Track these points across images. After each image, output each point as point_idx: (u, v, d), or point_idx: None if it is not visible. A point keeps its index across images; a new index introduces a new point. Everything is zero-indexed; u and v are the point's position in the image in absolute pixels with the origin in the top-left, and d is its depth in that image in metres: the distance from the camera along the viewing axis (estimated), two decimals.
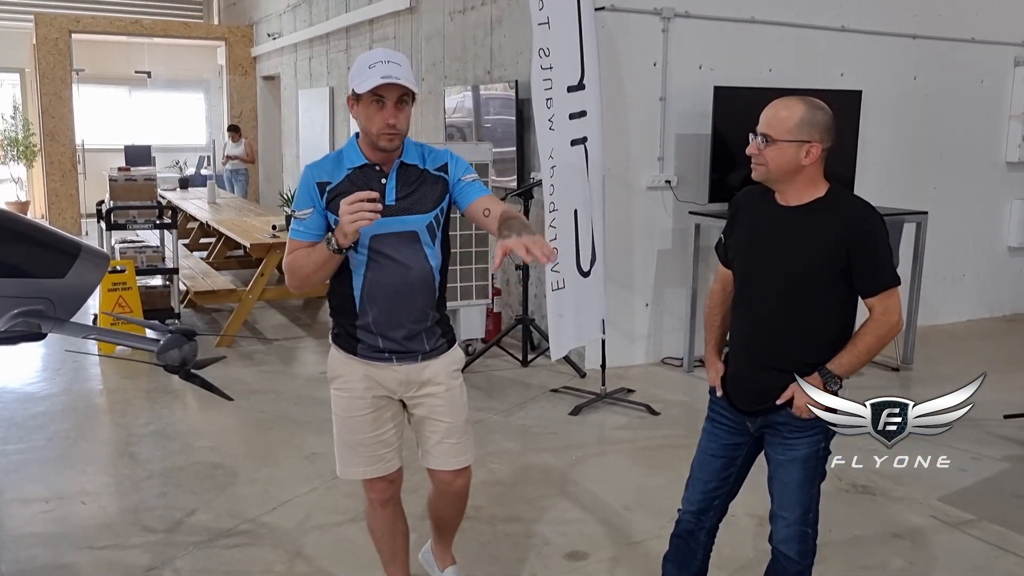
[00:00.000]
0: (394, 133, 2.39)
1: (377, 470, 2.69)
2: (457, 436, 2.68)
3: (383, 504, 2.78)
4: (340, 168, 2.48)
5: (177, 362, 2.50)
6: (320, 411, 5.14)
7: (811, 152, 2.30)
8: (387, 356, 2.57)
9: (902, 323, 2.38)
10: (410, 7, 8.30)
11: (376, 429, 2.65)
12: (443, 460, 2.69)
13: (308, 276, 2.47)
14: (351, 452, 2.68)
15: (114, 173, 6.96)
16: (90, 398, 5.43)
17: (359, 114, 2.42)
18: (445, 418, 2.65)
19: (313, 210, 2.46)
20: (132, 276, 6.35)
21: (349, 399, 2.64)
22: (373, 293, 2.50)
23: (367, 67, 2.36)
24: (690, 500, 2.62)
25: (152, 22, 14.38)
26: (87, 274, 2.60)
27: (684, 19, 5.93)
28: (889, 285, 2.32)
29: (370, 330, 2.55)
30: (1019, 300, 7.90)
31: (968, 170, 7.39)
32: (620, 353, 5.90)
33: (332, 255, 2.38)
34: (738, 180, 5.73)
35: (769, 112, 2.35)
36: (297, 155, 12.15)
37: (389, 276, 2.48)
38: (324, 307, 7.94)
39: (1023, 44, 7.47)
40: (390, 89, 2.35)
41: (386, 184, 2.47)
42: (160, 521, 3.69)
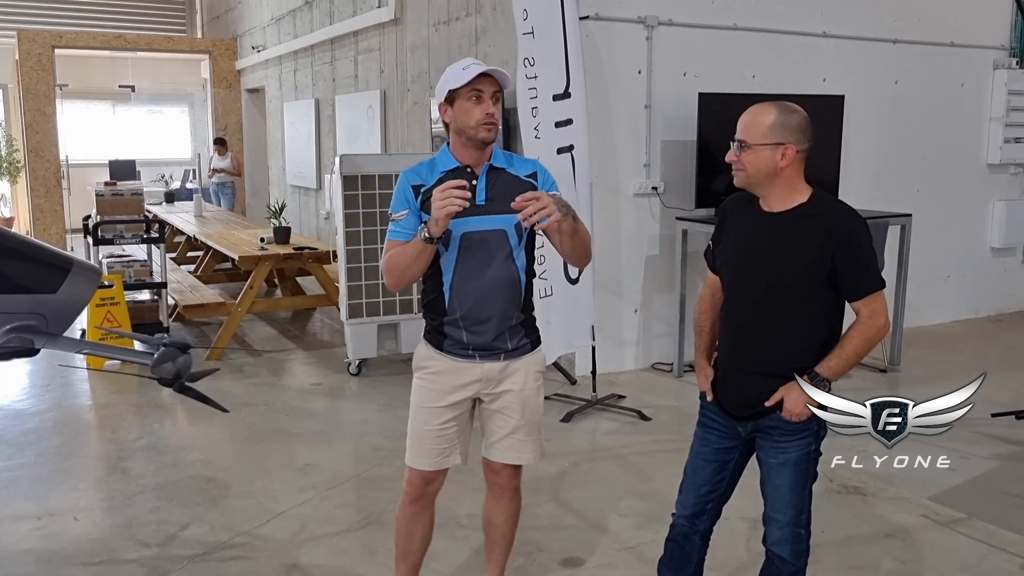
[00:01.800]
0: (492, 123, 2.54)
1: (432, 463, 2.75)
2: (525, 433, 2.77)
3: (412, 500, 2.84)
4: (433, 172, 2.62)
5: (171, 375, 2.51)
6: (312, 423, 5.17)
7: (786, 154, 2.34)
8: (471, 353, 2.66)
9: (889, 325, 2.41)
10: (395, 19, 8.32)
11: (444, 423, 2.72)
12: (505, 453, 2.78)
13: (404, 271, 2.57)
14: (417, 441, 2.76)
15: (101, 188, 6.94)
16: (80, 414, 5.41)
17: (455, 114, 2.56)
18: (516, 414, 2.74)
19: (408, 211, 2.59)
20: (120, 291, 6.33)
21: (427, 390, 2.73)
22: (462, 289, 2.61)
23: (461, 69, 2.53)
24: (684, 504, 2.64)
25: (135, 36, 14.36)
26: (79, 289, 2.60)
27: (668, 27, 5.98)
28: (874, 289, 2.36)
29: (458, 326, 2.64)
30: (1003, 300, 7.98)
31: (950, 172, 7.47)
32: (610, 359, 5.93)
33: (425, 246, 2.49)
34: (724, 186, 5.77)
35: (744, 118, 2.40)
36: (283, 167, 12.14)
37: (477, 273, 2.59)
38: (313, 318, 7.96)
39: (1002, 48, 7.58)
40: (486, 83, 2.52)
41: (476, 185, 2.59)
42: (154, 536, 3.68)
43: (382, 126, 8.81)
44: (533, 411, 2.77)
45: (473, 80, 2.50)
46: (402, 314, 5.98)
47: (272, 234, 7.37)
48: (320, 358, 6.61)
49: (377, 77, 8.93)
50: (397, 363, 6.21)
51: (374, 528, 3.72)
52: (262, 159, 13.56)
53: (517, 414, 2.74)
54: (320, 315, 8.07)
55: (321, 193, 10.55)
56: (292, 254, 7.02)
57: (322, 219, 10.52)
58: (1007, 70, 7.48)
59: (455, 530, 3.67)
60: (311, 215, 11.11)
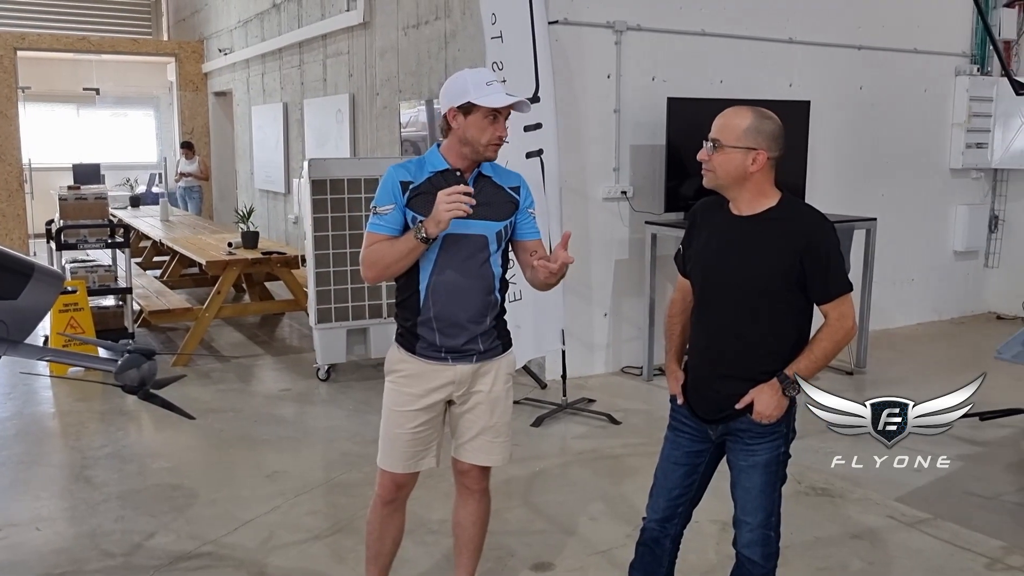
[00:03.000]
0: (500, 145, 2.60)
1: (405, 466, 2.76)
2: (493, 435, 2.78)
3: (384, 503, 2.84)
4: (422, 170, 2.64)
5: (136, 382, 2.47)
6: (280, 429, 5.11)
7: (757, 160, 2.35)
8: (444, 356, 2.67)
9: (856, 328, 2.43)
10: (363, 22, 8.29)
11: (416, 427, 2.72)
12: (474, 454, 2.79)
13: (389, 266, 2.60)
14: (390, 444, 2.76)
15: (64, 192, 6.84)
16: (42, 422, 5.32)
17: (466, 126, 2.56)
18: (485, 415, 2.75)
19: (395, 206, 2.60)
20: (84, 296, 6.24)
21: (399, 393, 2.74)
22: (438, 289, 2.62)
23: (484, 84, 2.55)
24: (654, 508, 2.64)
25: (100, 39, 14.17)
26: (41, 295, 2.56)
27: (636, 32, 6.01)
28: (842, 292, 2.38)
29: (431, 327, 2.65)
30: (966, 303, 8.11)
31: (914, 177, 7.58)
32: (580, 363, 5.93)
33: (418, 244, 2.52)
34: (692, 190, 5.81)
35: (720, 119, 2.41)
36: (251, 171, 12.04)
37: (455, 274, 2.62)
38: (281, 324, 7.89)
39: (963, 55, 7.71)
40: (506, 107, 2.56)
41: None
42: (119, 545, 3.62)
43: (351, 130, 8.76)
44: (503, 412, 2.79)
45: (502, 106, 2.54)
46: (371, 319, 5.94)
47: (240, 239, 7.29)
48: (289, 363, 6.56)
49: (346, 81, 8.88)
50: (367, 368, 6.17)
51: (344, 535, 3.69)
52: (229, 163, 13.44)
53: (486, 415, 2.75)
54: (289, 320, 8.00)
55: (290, 197, 10.47)
56: (260, 259, 6.96)
57: (290, 224, 10.44)
58: (968, 76, 7.61)
59: (425, 535, 3.65)
60: (279, 219, 11.03)
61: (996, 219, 8.08)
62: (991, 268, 8.18)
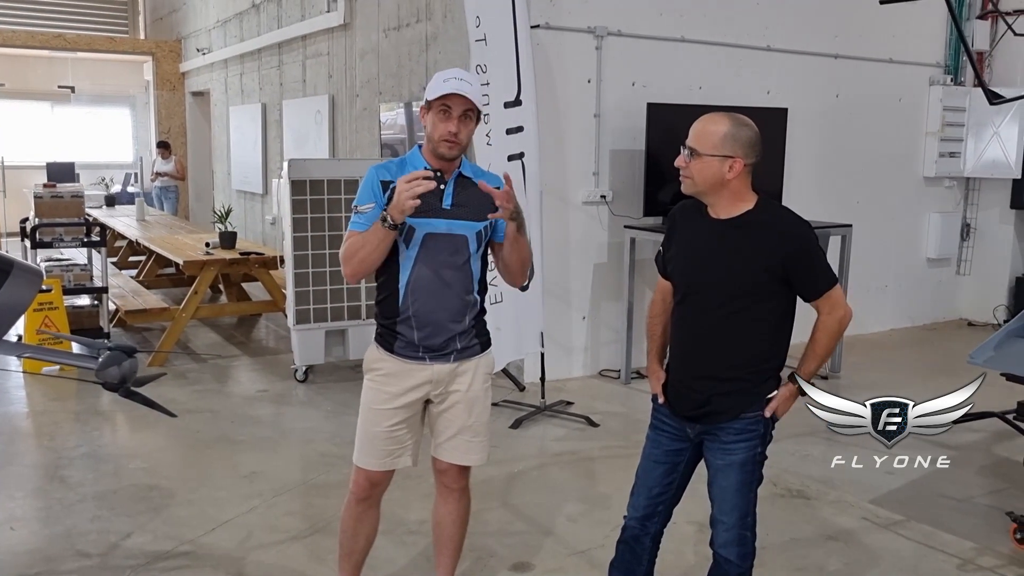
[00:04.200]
0: (454, 142, 2.58)
1: (379, 464, 2.76)
2: (471, 435, 2.78)
3: (359, 500, 2.84)
4: (403, 170, 2.64)
5: (117, 379, 2.46)
6: (257, 429, 5.09)
7: (734, 167, 2.39)
8: (421, 355, 2.69)
9: (849, 312, 2.46)
10: (344, 23, 8.28)
11: (392, 425, 2.73)
12: (452, 453, 2.80)
13: (364, 258, 2.60)
14: (366, 441, 2.77)
15: (39, 190, 6.77)
16: (16, 421, 5.26)
17: (428, 123, 2.61)
18: (463, 415, 2.76)
19: (375, 205, 2.61)
20: (59, 295, 6.18)
21: (377, 391, 2.75)
22: (418, 288, 2.64)
23: (442, 81, 2.57)
24: (635, 506, 2.66)
25: (76, 36, 14.05)
26: (20, 291, 2.53)
27: (617, 37, 6.05)
28: (830, 285, 2.43)
29: (409, 325, 2.67)
30: (938, 309, 8.22)
31: (888, 185, 7.68)
32: (558, 366, 5.96)
33: (386, 232, 2.54)
34: (671, 195, 5.85)
35: (697, 126, 2.44)
36: (228, 172, 11.97)
37: (434, 273, 2.63)
38: (258, 324, 7.85)
39: (937, 65, 7.82)
40: (456, 101, 2.54)
41: (444, 189, 2.64)
42: (95, 545, 3.59)
43: (330, 131, 8.74)
44: (480, 412, 2.80)
45: (444, 96, 2.54)
46: (350, 320, 5.93)
47: (218, 239, 7.25)
48: (266, 364, 6.53)
49: (326, 82, 8.86)
50: (345, 369, 6.16)
51: (322, 535, 3.68)
52: (206, 163, 13.35)
53: (464, 414, 2.76)
54: (266, 321, 7.96)
55: (267, 198, 10.43)
56: (238, 259, 6.92)
57: (267, 225, 10.39)
58: (942, 86, 7.72)
59: (404, 536, 3.66)
60: (256, 220, 10.97)
61: (968, 227, 8.21)
62: (963, 275, 8.30)
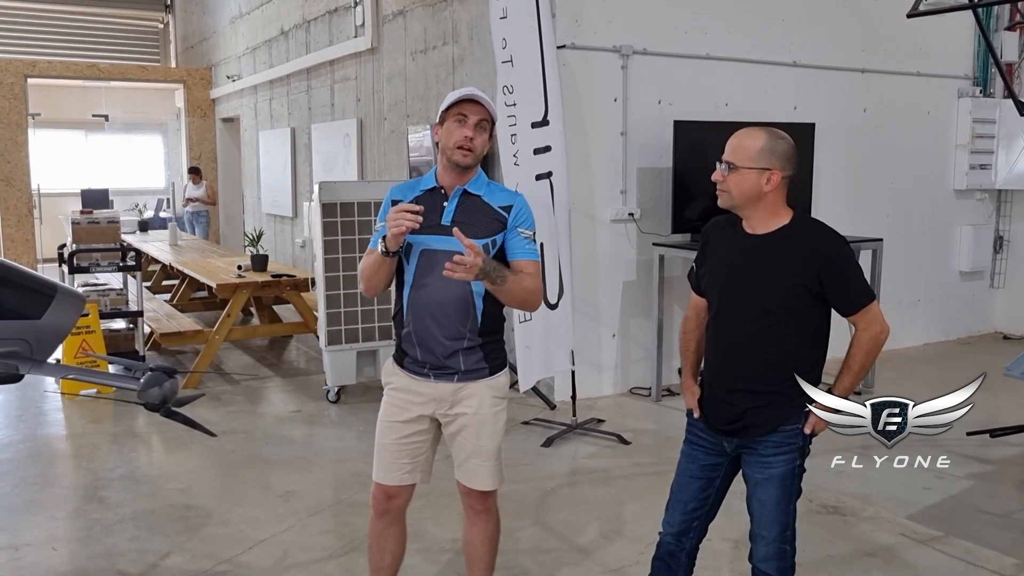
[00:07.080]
0: (468, 149, 2.60)
1: (392, 478, 2.79)
2: (482, 459, 2.77)
3: (379, 515, 2.87)
4: (414, 190, 2.73)
5: (158, 400, 2.51)
6: (291, 450, 5.14)
7: (771, 179, 2.40)
8: (426, 372, 2.71)
9: (887, 329, 2.46)
10: (371, 48, 8.39)
11: (401, 438, 2.76)
12: (466, 477, 2.81)
13: (369, 278, 2.70)
14: (379, 454, 2.81)
15: (77, 216, 6.91)
16: (55, 444, 5.34)
17: (442, 135, 2.65)
18: (472, 439, 2.75)
19: (384, 225, 2.65)
20: (96, 319, 6.28)
21: (387, 404, 2.80)
22: (415, 304, 2.68)
23: (457, 94, 2.63)
24: (670, 522, 2.66)
25: (109, 66, 14.33)
26: (63, 315, 2.60)
27: (643, 56, 6.09)
28: (865, 302, 2.42)
29: (411, 341, 2.71)
30: (972, 323, 8.12)
31: (918, 198, 7.63)
32: (589, 384, 5.96)
33: (382, 258, 2.61)
34: (699, 212, 5.87)
35: (734, 141, 2.46)
36: (258, 196, 12.13)
37: (430, 289, 2.65)
38: (289, 346, 7.92)
39: (966, 77, 7.78)
40: (472, 109, 2.60)
41: (446, 206, 2.67)
42: (134, 565, 3.63)
43: (359, 154, 8.84)
44: (490, 436, 2.75)
45: (460, 104, 2.59)
46: (381, 340, 5.97)
47: (250, 262, 7.35)
48: (298, 385, 6.58)
49: (354, 106, 8.97)
50: (375, 390, 6.19)
51: (358, 553, 3.69)
52: (236, 187, 13.53)
53: (473, 438, 2.74)
54: (296, 343, 8.03)
55: (297, 221, 10.54)
56: (270, 281, 7.00)
57: (298, 247, 10.50)
58: (971, 98, 7.68)
59: (438, 553, 3.67)
60: (287, 243, 11.09)
61: (1001, 240, 8.13)
62: (997, 288, 8.21)
